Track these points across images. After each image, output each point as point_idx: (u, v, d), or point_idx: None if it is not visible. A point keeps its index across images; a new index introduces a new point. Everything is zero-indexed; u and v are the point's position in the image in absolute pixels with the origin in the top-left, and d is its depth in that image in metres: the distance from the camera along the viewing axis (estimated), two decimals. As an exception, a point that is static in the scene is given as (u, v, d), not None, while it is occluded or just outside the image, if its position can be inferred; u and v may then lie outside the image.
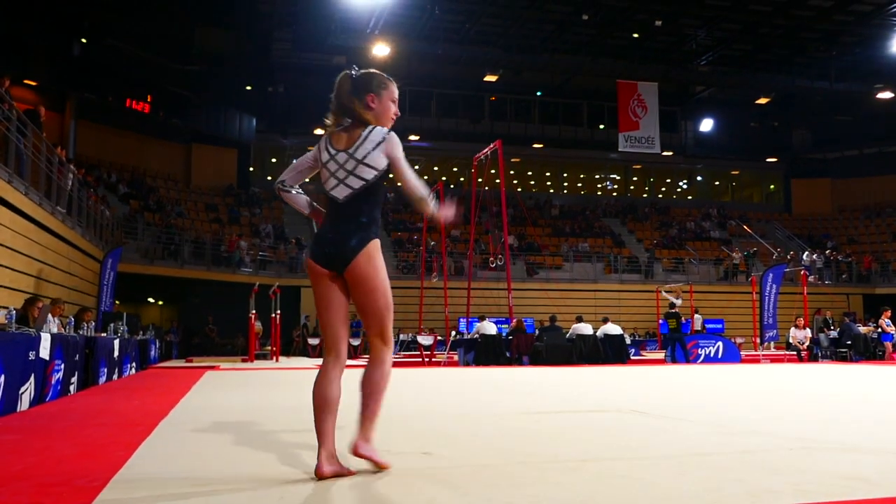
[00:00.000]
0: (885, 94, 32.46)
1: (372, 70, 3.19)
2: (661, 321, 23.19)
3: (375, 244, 3.03)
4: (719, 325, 26.78)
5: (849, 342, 18.23)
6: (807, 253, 31.75)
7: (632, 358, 19.45)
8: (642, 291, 28.93)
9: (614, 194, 39.41)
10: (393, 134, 3.11)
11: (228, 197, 31.17)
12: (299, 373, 12.93)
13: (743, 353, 19.92)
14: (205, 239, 25.96)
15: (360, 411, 3.06)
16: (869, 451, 3.55)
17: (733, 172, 41.19)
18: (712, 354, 18.04)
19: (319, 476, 2.86)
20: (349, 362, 3.18)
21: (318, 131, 35.39)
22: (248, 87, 31.77)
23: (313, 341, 24.31)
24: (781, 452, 3.55)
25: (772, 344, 21.34)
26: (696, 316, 23.25)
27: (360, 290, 3.02)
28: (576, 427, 4.75)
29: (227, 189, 31.46)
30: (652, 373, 12.55)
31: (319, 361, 3.19)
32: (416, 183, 3.13)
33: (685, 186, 41.11)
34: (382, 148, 3.06)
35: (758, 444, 3.84)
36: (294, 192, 3.24)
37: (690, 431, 4.47)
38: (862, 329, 19.10)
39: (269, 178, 34.80)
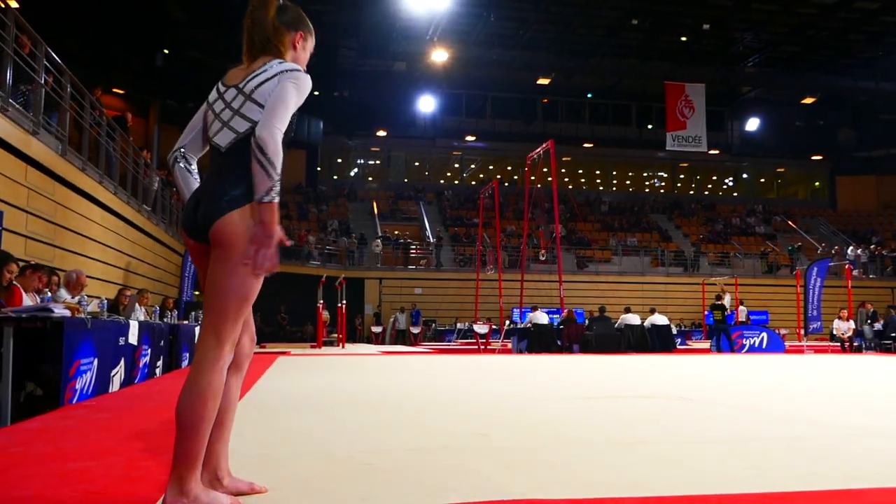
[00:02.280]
0: (932, 93, 31.26)
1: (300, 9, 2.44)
2: (706, 312, 22.75)
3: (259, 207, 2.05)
4: (763, 317, 26.13)
5: (893, 334, 17.58)
6: (851, 248, 30.73)
7: (678, 347, 19.14)
8: (688, 284, 28.39)
9: (662, 191, 38.78)
10: (302, 73, 2.25)
11: (298, 195, 31.61)
12: (363, 358, 13.06)
13: (787, 343, 19.41)
14: (276, 234, 26.38)
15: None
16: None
17: (778, 170, 40.12)
18: (757, 345, 17.63)
19: None
20: (408, 349, 3.12)
21: (381, 132, 35.57)
22: (316, 93, 32.11)
23: (376, 329, 24.57)
24: (829, 440, 3.44)
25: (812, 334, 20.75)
26: (741, 308, 22.75)
27: (216, 256, 2.09)
28: (626, 412, 4.69)
29: (296, 187, 31.91)
30: (698, 362, 12.32)
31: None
32: (274, 150, 2.03)
33: (731, 184, 40.20)
34: (277, 81, 2.18)
35: (805, 432, 3.74)
36: (188, 168, 2.37)
37: (737, 418, 4.37)
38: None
39: (335, 177, 35.23)
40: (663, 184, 39.31)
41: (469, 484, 2.42)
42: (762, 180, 40.44)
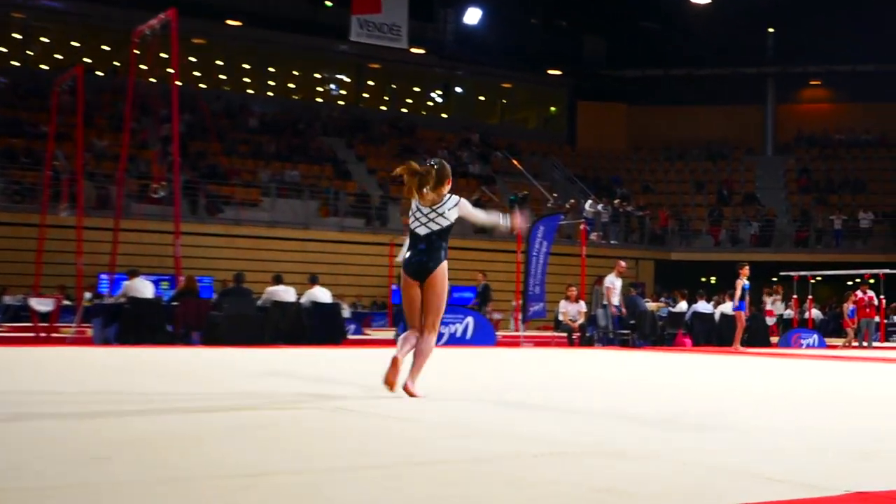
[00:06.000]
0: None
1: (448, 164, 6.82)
2: (394, 287, 23.72)
3: (445, 265, 6.65)
4: (471, 295, 27.34)
5: (633, 321, 19.72)
6: (590, 201, 33.35)
7: (350, 337, 19.80)
8: (372, 244, 29.39)
9: (340, 102, 39.71)
10: (464, 200, 6.79)
11: None
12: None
13: (500, 333, 20.91)
14: None
15: (411, 366, 6.59)
16: (633, 458, 3.91)
17: (504, 85, 42.87)
18: (459, 334, 18.57)
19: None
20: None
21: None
22: None
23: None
24: (524, 459, 3.82)
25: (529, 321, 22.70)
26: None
27: (430, 294, 6.62)
28: (259, 428, 4.80)
29: None
30: (374, 357, 12.90)
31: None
32: (487, 218, 7.57)
33: (439, 100, 42.27)
34: (456, 210, 6.65)
35: (496, 450, 4.10)
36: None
37: (415, 434, 4.70)
38: (650, 305, 20.79)
39: None
40: (344, 92, 40.34)
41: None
42: (482, 98, 43.12)
